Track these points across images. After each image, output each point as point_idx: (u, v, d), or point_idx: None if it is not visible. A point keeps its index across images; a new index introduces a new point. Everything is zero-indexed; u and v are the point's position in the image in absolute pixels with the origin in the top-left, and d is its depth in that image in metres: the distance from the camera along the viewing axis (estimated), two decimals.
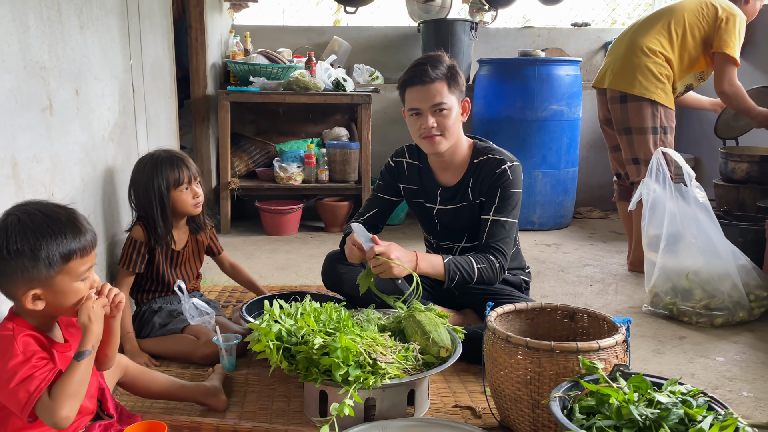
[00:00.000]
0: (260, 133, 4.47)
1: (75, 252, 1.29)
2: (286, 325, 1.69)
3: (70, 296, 1.31)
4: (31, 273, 1.26)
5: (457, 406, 1.82)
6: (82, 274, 1.31)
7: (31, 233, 1.26)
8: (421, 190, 2.28)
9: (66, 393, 1.24)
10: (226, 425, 1.66)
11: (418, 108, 2.07)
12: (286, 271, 3.29)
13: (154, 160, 2.14)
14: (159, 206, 2.13)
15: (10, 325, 1.29)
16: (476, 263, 2.05)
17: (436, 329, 1.75)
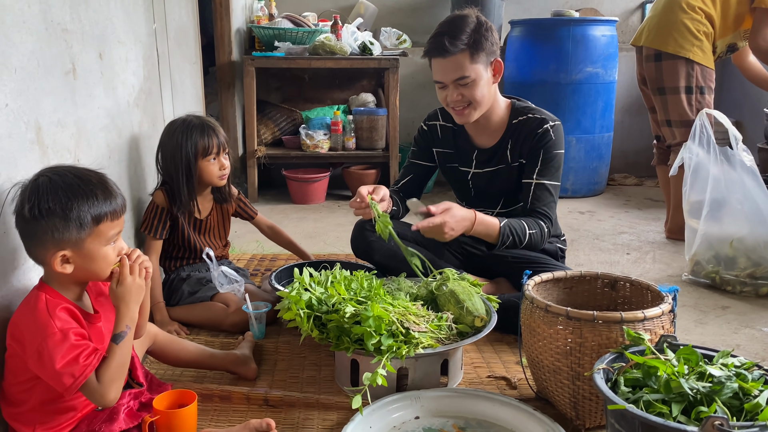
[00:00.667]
0: (286, 100, 4.41)
1: (106, 214, 1.26)
2: (316, 293, 1.65)
3: (99, 261, 1.28)
4: (62, 234, 1.23)
5: (491, 377, 1.77)
6: (111, 238, 1.29)
7: (62, 193, 1.23)
8: (455, 154, 2.20)
9: (110, 378, 1.23)
10: (257, 394, 1.64)
11: (441, 81, 1.99)
12: (314, 239, 3.26)
13: (185, 125, 2.09)
14: (185, 174, 2.08)
15: (42, 295, 1.26)
16: (528, 228, 2.00)
17: (471, 298, 1.70)
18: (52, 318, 1.22)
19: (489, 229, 1.97)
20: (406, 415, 1.55)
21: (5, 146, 1.33)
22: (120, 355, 1.25)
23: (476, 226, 1.94)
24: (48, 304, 1.24)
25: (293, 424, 1.55)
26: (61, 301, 1.27)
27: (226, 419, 1.58)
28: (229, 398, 1.64)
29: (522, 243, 2.00)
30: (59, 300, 1.27)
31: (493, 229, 1.97)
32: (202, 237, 2.24)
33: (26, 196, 1.24)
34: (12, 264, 1.36)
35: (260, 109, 4.10)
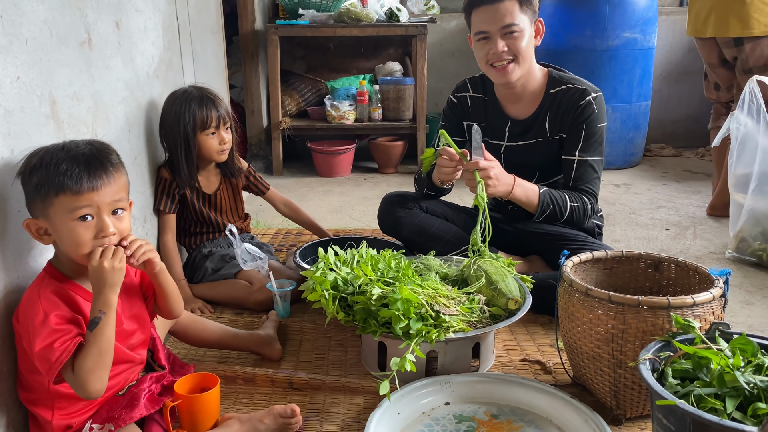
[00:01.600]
0: (310, 69, 4.30)
1: (66, 187, 1.16)
2: (341, 273, 1.58)
3: (66, 236, 1.19)
4: (31, 199, 1.19)
5: (525, 360, 1.70)
6: (74, 213, 1.17)
7: (40, 159, 1.19)
8: (486, 127, 2.09)
9: (87, 367, 1.15)
10: (281, 376, 1.59)
11: (486, 31, 1.88)
12: (339, 214, 3.19)
13: (184, 97, 2.02)
14: (183, 147, 2.01)
15: (43, 275, 1.23)
16: (570, 200, 1.91)
17: (504, 279, 1.61)
18: (40, 298, 1.17)
19: (529, 195, 1.89)
20: (435, 400, 1.48)
21: (17, 121, 1.27)
22: (96, 342, 1.15)
23: (515, 188, 1.86)
24: (43, 284, 1.20)
25: (319, 409, 1.50)
26: (60, 282, 1.22)
27: (249, 402, 1.53)
28: (253, 380, 1.59)
29: (563, 215, 1.91)
30: (57, 281, 1.22)
31: (533, 196, 1.89)
32: (218, 212, 2.19)
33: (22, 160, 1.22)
34: (28, 243, 1.31)
35: (284, 80, 4.01)
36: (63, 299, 1.20)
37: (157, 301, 1.39)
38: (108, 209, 1.22)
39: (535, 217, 1.92)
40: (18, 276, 1.27)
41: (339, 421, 1.45)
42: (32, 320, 1.15)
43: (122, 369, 1.32)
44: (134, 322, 1.36)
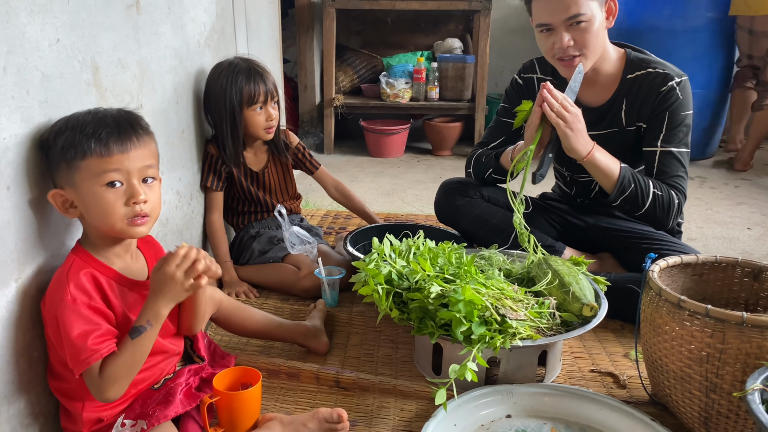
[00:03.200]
0: (366, 45, 4.15)
1: (92, 150, 1.07)
2: (396, 266, 1.44)
3: (94, 205, 1.09)
4: (55, 167, 1.10)
5: (595, 371, 1.53)
6: (102, 177, 1.08)
7: (66, 124, 1.10)
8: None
9: (114, 375, 1.06)
10: (327, 374, 1.47)
11: (548, 23, 1.66)
12: (391, 197, 3.05)
13: (231, 69, 1.90)
14: (229, 123, 1.90)
15: (72, 257, 1.13)
16: (653, 187, 1.68)
17: (577, 281, 1.45)
18: (69, 283, 1.08)
19: (609, 163, 1.67)
20: (496, 412, 1.34)
21: (56, 87, 1.17)
22: (132, 352, 1.07)
23: (596, 150, 1.64)
24: (72, 266, 1.10)
25: (367, 412, 1.38)
26: (90, 265, 1.13)
27: (293, 400, 1.42)
28: (297, 376, 1.48)
29: (644, 202, 1.68)
30: (88, 265, 1.12)
31: (614, 166, 1.67)
32: (266, 192, 2.07)
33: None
34: (63, 221, 1.22)
35: (339, 55, 3.87)
36: (94, 286, 1.11)
37: (182, 314, 1.28)
38: (138, 175, 1.12)
39: (612, 196, 1.69)
40: (51, 255, 1.18)
41: (389, 428, 1.33)
42: (61, 308, 1.06)
43: (157, 360, 1.23)
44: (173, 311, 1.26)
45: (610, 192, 1.69)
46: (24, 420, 1.13)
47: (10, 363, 1.08)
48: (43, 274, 1.16)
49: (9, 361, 1.08)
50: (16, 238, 1.08)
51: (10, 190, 1.06)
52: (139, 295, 1.18)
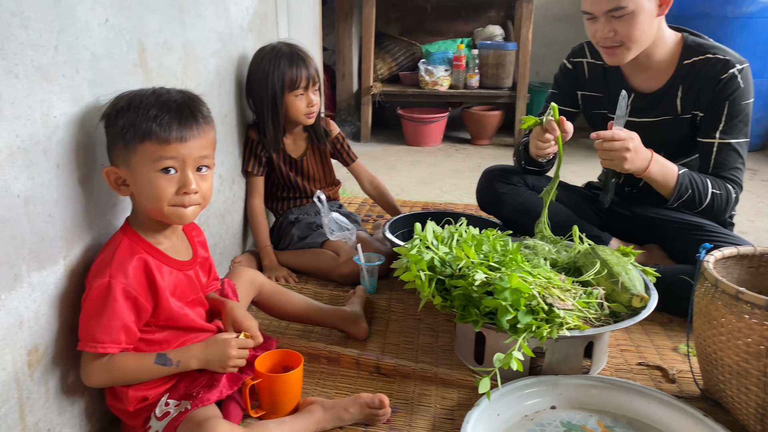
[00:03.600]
0: (405, 32, 4.11)
1: (151, 131, 1.07)
2: (439, 253, 1.42)
3: (146, 187, 1.10)
4: (113, 144, 1.11)
5: (642, 365, 1.49)
6: (158, 163, 1.08)
7: (127, 99, 1.11)
8: (605, 98, 1.84)
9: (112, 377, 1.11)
10: (368, 360, 1.46)
11: (590, 12, 1.61)
12: (429, 185, 3.02)
13: (274, 54, 1.89)
14: (270, 108, 1.89)
15: (123, 239, 1.14)
16: (712, 187, 1.64)
17: (627, 271, 1.40)
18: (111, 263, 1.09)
19: (666, 174, 1.63)
20: (540, 403, 1.31)
21: (104, 67, 1.18)
22: (145, 371, 1.13)
23: (652, 165, 1.60)
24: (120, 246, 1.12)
25: (408, 399, 1.36)
26: (139, 246, 1.14)
27: (333, 384, 1.41)
28: (337, 361, 1.48)
29: (702, 203, 1.64)
30: (136, 245, 1.13)
31: (671, 176, 1.63)
32: (305, 178, 2.07)
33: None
34: (112, 199, 1.23)
35: (378, 42, 3.84)
36: (137, 267, 1.12)
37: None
38: (193, 164, 1.12)
39: (669, 202, 1.66)
40: (98, 234, 1.19)
41: (430, 416, 1.31)
42: (97, 284, 1.07)
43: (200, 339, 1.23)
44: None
45: (667, 198, 1.67)
46: (72, 396, 1.15)
47: (58, 339, 1.10)
48: (90, 253, 1.17)
49: (57, 337, 1.09)
50: (65, 217, 1.09)
51: (60, 168, 1.07)
52: (183, 275, 1.19)
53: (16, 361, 0.99)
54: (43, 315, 1.05)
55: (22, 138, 0.97)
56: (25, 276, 1.00)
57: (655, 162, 1.61)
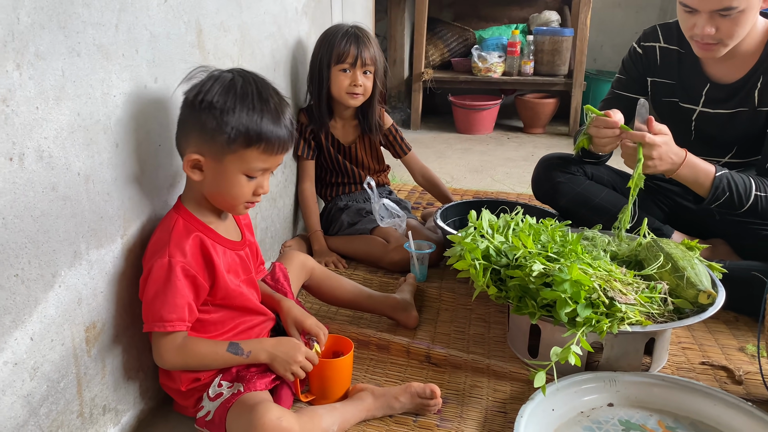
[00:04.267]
0: (458, 18, 4.04)
1: (261, 141, 1.09)
2: (495, 242, 1.38)
3: (229, 184, 1.11)
4: (210, 135, 1.08)
5: (706, 364, 1.42)
6: (254, 170, 1.12)
7: (234, 96, 1.08)
8: (677, 86, 1.73)
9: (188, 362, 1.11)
10: (418, 348, 1.43)
11: (692, 7, 1.48)
12: (480, 174, 2.97)
13: (333, 30, 1.89)
14: (317, 80, 1.90)
15: (177, 218, 1.14)
16: (756, 188, 1.53)
17: (693, 266, 1.34)
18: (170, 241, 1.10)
19: (699, 176, 1.53)
20: (597, 400, 1.26)
21: (162, 47, 1.18)
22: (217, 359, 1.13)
23: (682, 168, 1.51)
24: (176, 226, 1.12)
25: (459, 390, 1.33)
26: (194, 226, 1.14)
27: (383, 372, 1.40)
28: (387, 348, 1.46)
29: (742, 206, 1.54)
30: (190, 224, 1.14)
31: (705, 178, 1.53)
32: (350, 162, 2.05)
33: (203, 83, 1.11)
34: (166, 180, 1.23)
35: (430, 28, 3.78)
36: (194, 245, 1.12)
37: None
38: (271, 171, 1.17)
39: (705, 203, 1.56)
40: (155, 214, 1.20)
41: (482, 408, 1.28)
42: (158, 265, 1.08)
43: (257, 321, 1.24)
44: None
45: (704, 197, 1.57)
46: (127, 373, 1.16)
47: (115, 317, 1.11)
48: (147, 232, 1.18)
49: (114, 315, 1.10)
50: (123, 196, 1.10)
51: (119, 147, 1.07)
52: (236, 254, 1.20)
53: (75, 337, 1.01)
54: (101, 293, 1.06)
55: (83, 116, 0.98)
56: (84, 253, 1.01)
57: (686, 166, 1.50)
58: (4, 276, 0.85)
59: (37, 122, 0.88)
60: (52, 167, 0.92)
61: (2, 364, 0.86)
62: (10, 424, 0.89)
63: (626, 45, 1.89)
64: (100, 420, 1.10)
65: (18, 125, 0.85)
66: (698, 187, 1.55)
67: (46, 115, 0.90)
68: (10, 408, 0.89)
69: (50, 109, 0.91)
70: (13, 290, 0.87)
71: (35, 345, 0.92)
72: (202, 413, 1.14)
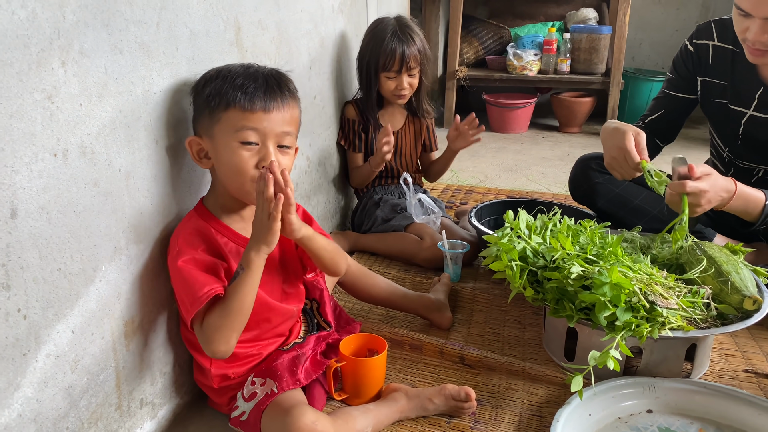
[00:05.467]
0: (494, 15, 4.00)
1: (237, 98, 1.06)
2: (532, 243, 1.36)
3: (227, 159, 1.08)
4: (198, 114, 1.11)
5: (750, 372, 1.38)
6: (243, 132, 1.07)
7: (218, 73, 1.11)
8: (729, 87, 1.65)
9: (212, 324, 1.04)
10: (452, 349, 1.42)
11: (746, 11, 1.41)
12: (514, 173, 2.94)
13: (380, 29, 1.91)
14: (365, 83, 1.96)
15: (191, 213, 1.15)
16: None
17: (737, 270, 1.30)
18: (179, 237, 1.09)
19: (749, 206, 1.47)
20: (635, 406, 1.24)
21: (202, 45, 1.19)
22: (230, 299, 1.04)
23: (734, 201, 1.45)
24: (188, 221, 1.12)
25: (493, 393, 1.31)
26: (205, 221, 1.13)
27: (416, 372, 1.39)
28: (420, 348, 1.45)
29: None
30: (203, 220, 1.13)
31: (755, 206, 1.47)
32: (395, 156, 2.06)
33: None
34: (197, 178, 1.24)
35: (464, 25, 3.75)
36: (203, 239, 1.11)
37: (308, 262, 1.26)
38: (275, 139, 1.10)
39: (755, 226, 1.51)
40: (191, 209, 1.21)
41: (517, 411, 1.26)
42: (172, 262, 1.08)
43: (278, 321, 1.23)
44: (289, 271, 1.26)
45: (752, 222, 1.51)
46: (163, 368, 1.17)
47: (152, 312, 1.12)
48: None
49: (151, 310, 1.12)
50: (162, 192, 1.11)
51: (158, 144, 1.09)
52: None
53: (114, 331, 1.02)
54: (139, 288, 1.07)
55: (124, 113, 0.99)
56: (124, 249, 1.02)
57: (737, 198, 1.44)
58: (48, 270, 0.87)
59: (81, 119, 0.90)
60: (95, 163, 0.93)
61: (45, 357, 0.88)
62: (52, 415, 0.91)
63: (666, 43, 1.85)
64: (137, 413, 1.11)
65: (62, 122, 0.86)
66: (747, 215, 1.49)
67: (89, 112, 0.91)
68: (52, 399, 0.90)
69: (93, 105, 0.92)
70: (56, 284, 0.88)
71: (76, 338, 0.93)
72: (236, 413, 1.14)
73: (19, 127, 0.80)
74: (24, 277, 0.83)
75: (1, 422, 0.82)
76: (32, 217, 0.83)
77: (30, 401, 0.86)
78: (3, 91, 0.77)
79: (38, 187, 0.83)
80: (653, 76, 3.61)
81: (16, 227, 0.81)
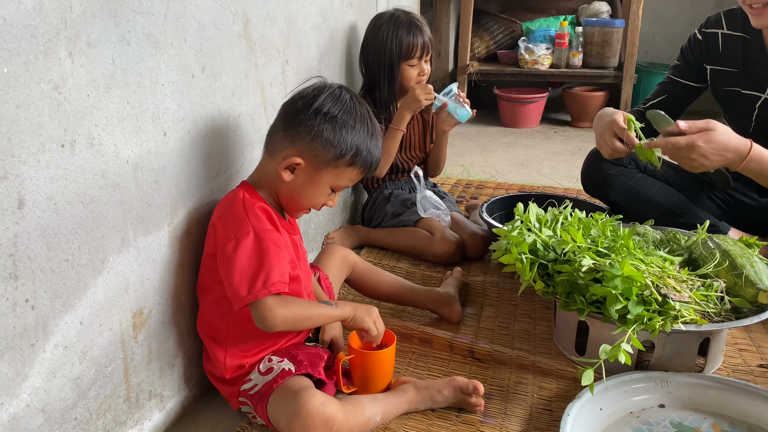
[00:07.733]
0: (505, 9, 3.97)
1: (366, 163, 1.18)
2: (542, 236, 1.34)
3: (313, 193, 1.18)
4: (321, 145, 1.13)
5: (764, 367, 1.36)
6: (342, 185, 1.20)
7: (352, 114, 1.16)
8: (740, 73, 1.64)
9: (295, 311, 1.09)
10: (461, 343, 1.41)
11: None
12: (526, 168, 2.91)
13: (392, 21, 1.89)
14: (387, 75, 1.91)
15: (241, 192, 1.15)
16: None
17: (752, 264, 1.28)
18: (248, 213, 1.11)
19: (766, 169, 1.43)
20: (647, 401, 1.22)
21: (210, 37, 1.18)
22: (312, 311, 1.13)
23: (748, 162, 1.41)
24: (245, 199, 1.13)
25: (503, 387, 1.30)
26: (259, 200, 1.15)
27: (425, 365, 1.38)
28: (429, 342, 1.44)
29: None
30: (256, 199, 1.15)
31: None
32: (403, 150, 2.04)
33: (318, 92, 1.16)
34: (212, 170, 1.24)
35: (476, 20, 3.73)
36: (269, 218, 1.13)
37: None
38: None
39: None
40: (201, 203, 1.21)
41: (527, 405, 1.25)
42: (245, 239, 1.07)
43: None
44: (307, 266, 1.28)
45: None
46: (172, 360, 1.17)
47: (161, 304, 1.12)
48: (193, 221, 1.19)
49: (160, 302, 1.12)
50: (170, 184, 1.11)
51: (166, 136, 1.08)
52: (291, 238, 1.21)
53: (122, 322, 1.02)
54: (147, 279, 1.07)
55: (132, 104, 0.99)
56: (131, 240, 1.02)
57: (752, 158, 1.41)
58: (55, 261, 0.87)
59: (88, 110, 0.90)
60: (102, 154, 0.93)
61: (53, 347, 0.88)
62: (60, 405, 0.91)
63: (680, 36, 1.83)
64: (146, 405, 1.11)
65: (69, 112, 0.86)
66: (764, 180, 1.46)
67: (96, 103, 0.91)
68: (60, 390, 0.90)
69: (100, 96, 0.92)
70: (64, 275, 0.88)
71: (84, 329, 0.94)
72: (248, 385, 1.14)
73: (26, 118, 0.80)
74: (31, 268, 0.83)
75: (10, 412, 0.82)
76: (39, 208, 0.83)
77: (38, 391, 0.86)
78: (10, 81, 0.77)
79: (45, 177, 0.83)
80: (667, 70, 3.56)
81: (24, 217, 0.81)
